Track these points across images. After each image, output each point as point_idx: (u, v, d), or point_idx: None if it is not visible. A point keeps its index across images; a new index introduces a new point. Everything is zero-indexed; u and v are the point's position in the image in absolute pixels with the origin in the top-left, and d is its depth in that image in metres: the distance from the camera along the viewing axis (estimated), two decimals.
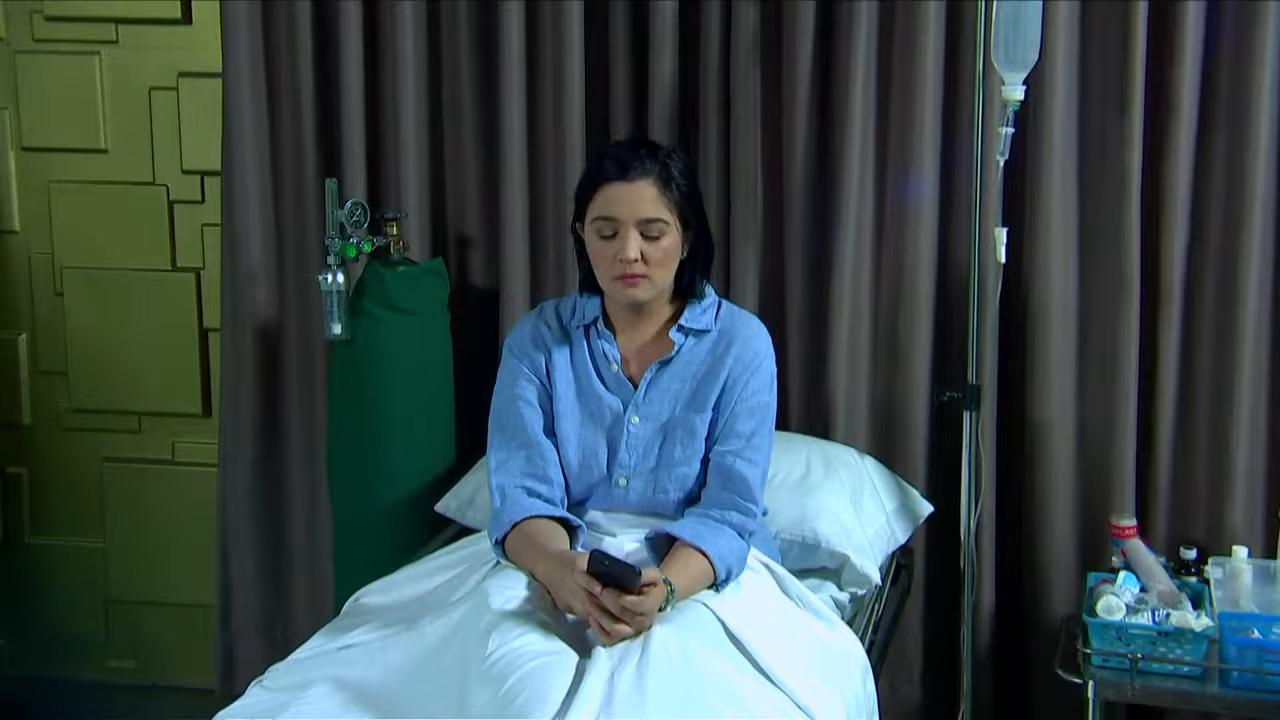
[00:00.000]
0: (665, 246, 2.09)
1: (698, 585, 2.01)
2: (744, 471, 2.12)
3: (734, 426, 2.14)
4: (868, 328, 2.82)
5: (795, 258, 2.83)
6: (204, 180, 3.24)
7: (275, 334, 3.12)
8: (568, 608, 1.92)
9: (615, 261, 2.07)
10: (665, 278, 2.13)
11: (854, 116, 2.73)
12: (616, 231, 2.07)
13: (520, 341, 2.23)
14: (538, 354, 2.21)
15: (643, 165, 2.07)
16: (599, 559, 1.87)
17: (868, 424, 2.85)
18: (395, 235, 2.82)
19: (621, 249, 2.06)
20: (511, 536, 2.09)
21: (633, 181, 2.05)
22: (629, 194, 2.05)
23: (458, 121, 3.00)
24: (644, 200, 2.05)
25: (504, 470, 2.17)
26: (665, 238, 2.08)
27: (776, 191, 2.84)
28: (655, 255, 2.08)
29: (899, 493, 2.70)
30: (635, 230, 2.06)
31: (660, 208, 2.07)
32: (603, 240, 2.09)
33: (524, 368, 2.20)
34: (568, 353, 2.20)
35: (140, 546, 3.40)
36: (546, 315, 2.25)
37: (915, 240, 2.76)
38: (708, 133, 2.84)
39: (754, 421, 2.15)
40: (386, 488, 2.79)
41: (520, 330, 2.26)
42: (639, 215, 2.05)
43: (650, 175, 2.06)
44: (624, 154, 2.09)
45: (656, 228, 2.07)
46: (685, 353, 2.18)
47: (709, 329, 2.19)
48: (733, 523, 2.09)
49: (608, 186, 2.07)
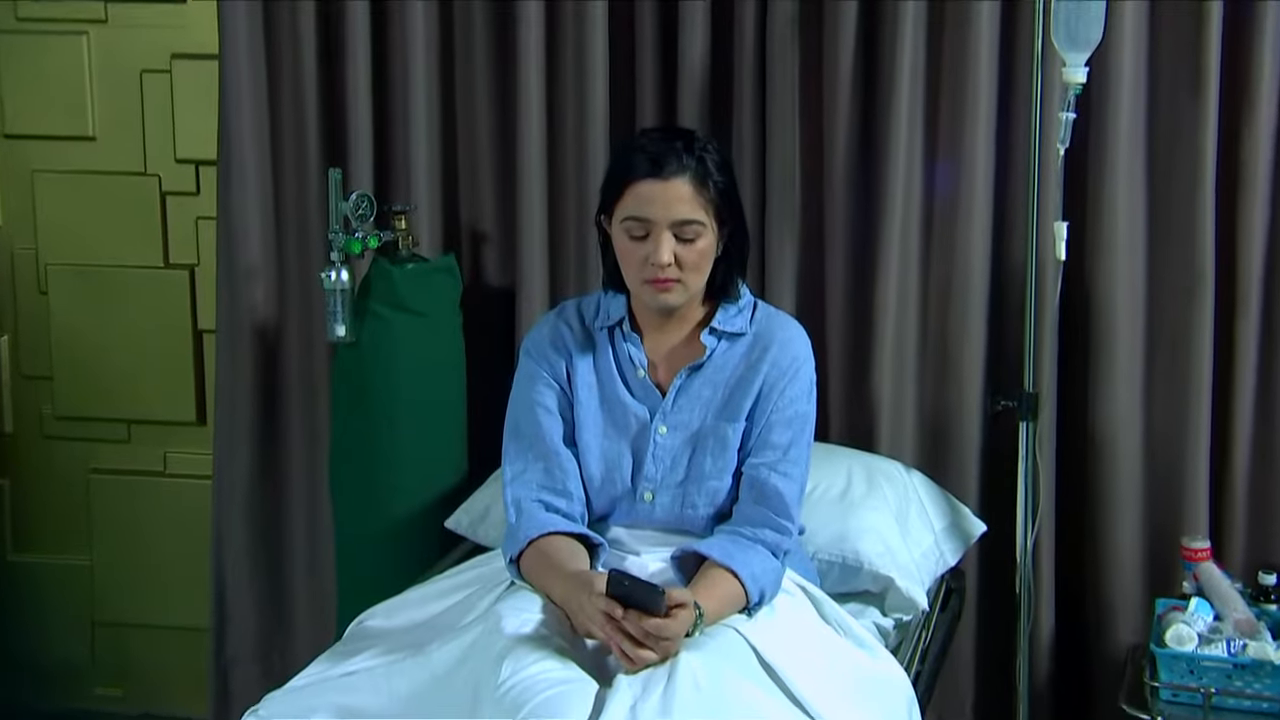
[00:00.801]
0: (700, 249, 2.09)
1: (728, 609, 2.01)
2: (779, 486, 2.12)
3: (769, 437, 2.14)
4: (915, 330, 2.82)
5: (836, 254, 2.83)
6: (199, 170, 3.26)
7: (275, 336, 3.14)
8: (587, 632, 1.92)
9: (646, 265, 2.08)
10: (699, 282, 2.14)
11: (901, 101, 2.73)
12: (648, 233, 2.06)
13: (539, 344, 2.24)
14: (558, 357, 2.21)
15: (679, 161, 2.06)
16: (619, 579, 1.86)
17: (915, 435, 2.84)
18: (404, 230, 2.83)
19: (654, 252, 2.06)
20: (527, 554, 2.09)
21: (667, 180, 2.05)
22: (663, 193, 2.05)
23: (471, 107, 3.01)
24: (679, 200, 2.05)
25: (520, 483, 2.18)
26: (701, 240, 2.08)
27: (816, 183, 2.84)
28: (689, 259, 2.08)
29: (949, 510, 2.70)
30: (669, 232, 2.06)
31: (696, 208, 2.06)
32: (632, 241, 2.09)
33: (543, 372, 2.21)
34: (590, 356, 2.21)
35: (129, 565, 3.42)
36: (567, 315, 2.26)
37: (967, 235, 2.75)
38: (742, 120, 2.84)
39: (791, 432, 2.15)
40: (393, 502, 2.80)
41: (539, 332, 2.26)
42: (673, 217, 2.05)
43: (686, 173, 2.06)
44: (658, 148, 2.07)
45: (692, 229, 2.07)
46: (718, 357, 2.18)
47: (744, 332, 2.19)
48: (766, 541, 2.09)
49: (639, 184, 2.06)
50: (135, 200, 3.30)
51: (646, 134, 2.19)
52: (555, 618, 1.98)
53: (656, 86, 2.90)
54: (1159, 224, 2.72)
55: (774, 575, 2.08)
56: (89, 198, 3.31)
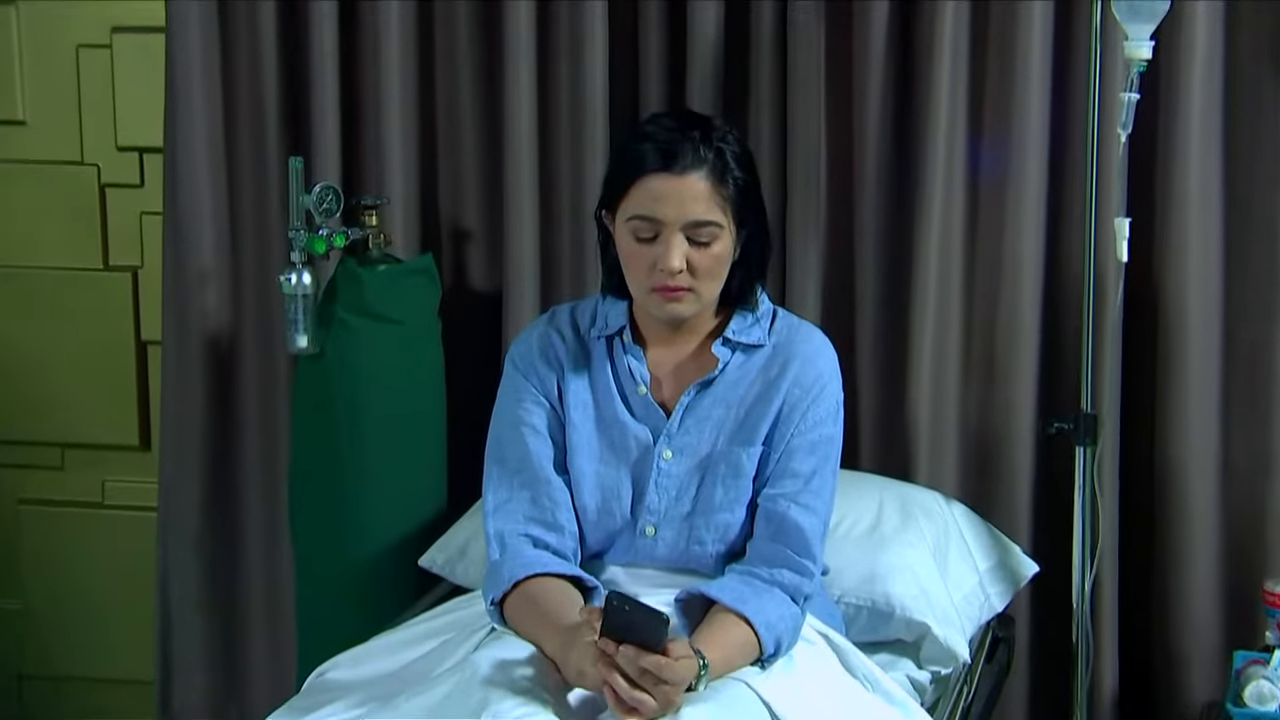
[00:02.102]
0: (716, 254, 2.09)
1: (739, 659, 2.00)
2: (800, 521, 2.11)
3: (789, 464, 2.14)
4: (957, 343, 2.82)
5: (867, 256, 2.83)
6: (143, 159, 3.28)
7: (229, 348, 3.15)
8: (579, 675, 1.92)
9: (654, 270, 2.08)
10: (713, 290, 2.14)
11: (941, 83, 2.73)
12: (657, 235, 2.07)
13: (526, 354, 2.24)
14: (548, 370, 2.22)
15: (694, 154, 2.06)
16: (619, 605, 1.85)
17: (957, 462, 2.84)
18: (375, 226, 2.84)
19: (663, 256, 2.06)
20: (512, 598, 2.09)
21: (681, 175, 2.06)
22: (676, 191, 2.06)
23: (453, 88, 3.02)
24: (694, 199, 2.06)
25: (504, 514, 2.18)
26: (717, 243, 2.09)
27: (844, 178, 2.85)
28: (703, 264, 2.09)
29: (995, 548, 2.70)
30: (681, 235, 2.06)
31: (713, 207, 2.07)
32: (639, 243, 2.09)
33: (530, 387, 2.21)
34: (585, 370, 2.21)
35: (63, 609, 3.43)
36: (559, 322, 2.26)
37: (1016, 235, 2.75)
38: (759, 101, 2.85)
39: (814, 459, 2.15)
40: (361, 538, 2.81)
41: (526, 340, 2.27)
42: (687, 217, 2.06)
43: (702, 167, 2.06)
44: (670, 137, 2.08)
45: (707, 232, 2.07)
46: (731, 372, 2.18)
47: (761, 343, 2.19)
48: (784, 583, 2.08)
49: (649, 179, 2.07)
50: (70, 193, 3.31)
51: (657, 120, 2.19)
52: (541, 668, 1.97)
53: (662, 68, 2.90)
54: (1236, 220, 2.72)
55: (792, 623, 2.08)
56: (17, 190, 3.32)
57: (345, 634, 2.38)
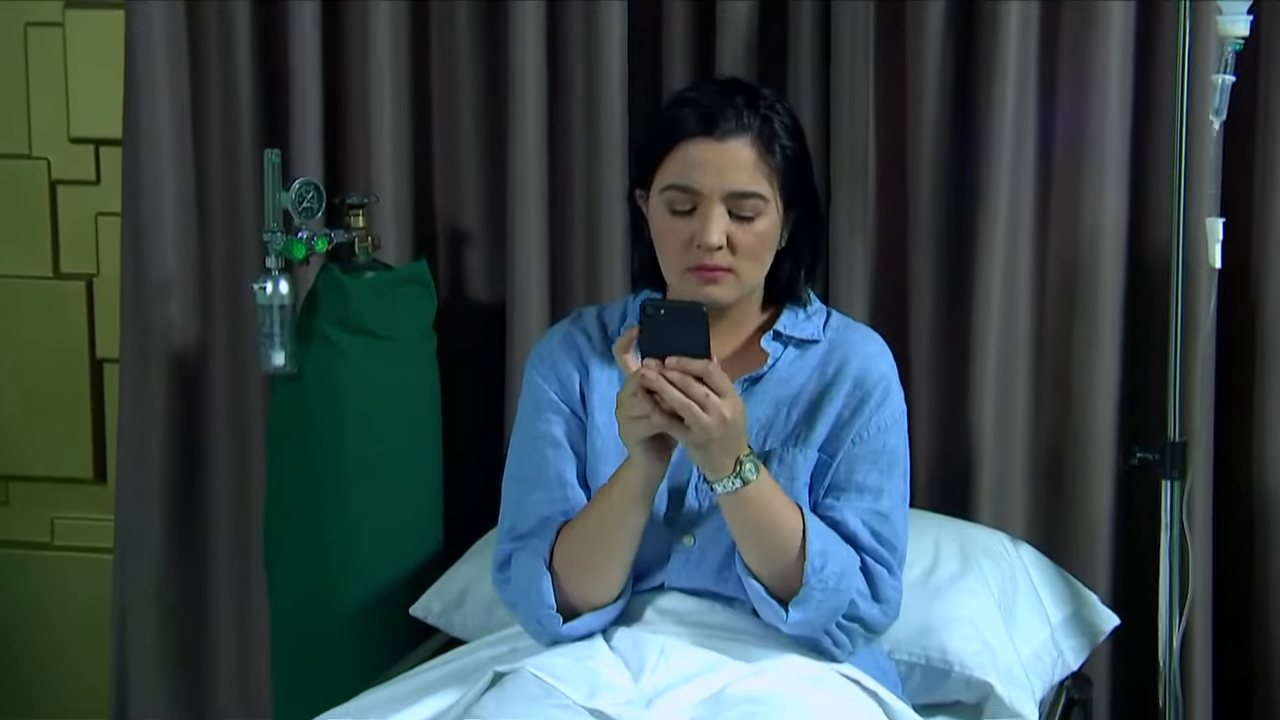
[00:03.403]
0: (760, 231, 2.12)
1: (778, 518, 2.04)
2: (882, 530, 2.14)
3: (852, 477, 2.15)
4: (1026, 359, 2.82)
5: (922, 256, 2.83)
6: (99, 152, 3.29)
7: (196, 367, 3.15)
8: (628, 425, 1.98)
9: (691, 247, 2.11)
10: (756, 274, 2.16)
11: (1007, 56, 2.72)
12: (695, 207, 2.10)
13: (546, 356, 2.26)
14: (570, 372, 2.23)
15: (738, 118, 2.10)
16: (653, 312, 1.95)
17: (1025, 496, 2.84)
18: (362, 229, 2.85)
19: (701, 231, 2.09)
20: (561, 547, 2.11)
21: (723, 141, 2.09)
22: (717, 157, 2.09)
23: (451, 71, 3.03)
24: (737, 166, 2.09)
25: (515, 538, 2.20)
26: (761, 219, 2.11)
27: (896, 165, 2.85)
28: (745, 242, 2.11)
29: (1069, 596, 2.69)
30: (721, 206, 2.09)
31: (758, 178, 2.10)
32: (675, 216, 2.12)
33: (549, 393, 2.23)
34: (613, 371, 2.22)
35: (8, 660, 3.43)
36: (585, 322, 2.30)
37: (1094, 233, 2.75)
38: (799, 77, 2.85)
39: (878, 472, 2.16)
40: (346, 584, 2.81)
41: (546, 343, 2.29)
42: (728, 187, 2.09)
43: (747, 133, 2.10)
44: (712, 101, 2.12)
45: (751, 205, 2.10)
46: (782, 369, 2.20)
47: (816, 338, 2.23)
48: (864, 562, 2.12)
49: (688, 144, 2.10)
50: (17, 190, 3.32)
51: (698, 85, 2.23)
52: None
53: (688, 42, 2.91)
54: None
55: (847, 571, 2.08)
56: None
57: (327, 694, 2.37)
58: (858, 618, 2.12)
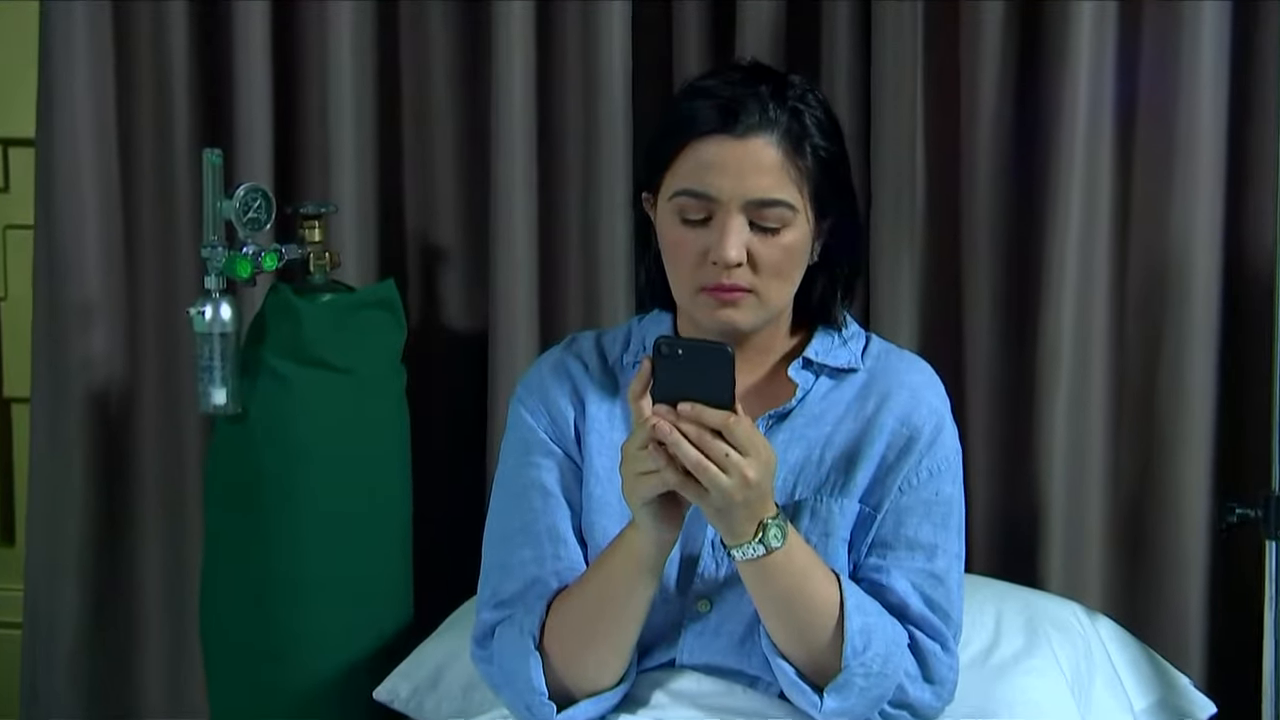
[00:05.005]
0: (787, 245, 2.11)
1: (809, 588, 2.03)
2: (933, 595, 2.14)
3: (901, 530, 2.15)
4: (1102, 395, 2.82)
5: (980, 275, 2.85)
6: (8, 154, 3.33)
7: (121, 407, 3.14)
8: (632, 482, 1.96)
9: (705, 263, 2.11)
10: (781, 295, 2.16)
11: (1080, 38, 2.73)
12: (710, 216, 2.10)
13: (536, 388, 2.26)
14: (563, 406, 2.23)
15: (762, 111, 2.09)
16: (669, 350, 1.93)
17: (1102, 560, 2.84)
18: (318, 243, 2.84)
19: (717, 245, 2.08)
20: (552, 623, 2.10)
21: (743, 139, 2.08)
22: (735, 158, 2.08)
23: (423, 57, 3.05)
24: (759, 170, 2.08)
25: (497, 606, 2.18)
26: (788, 231, 2.11)
27: (948, 168, 2.87)
28: (769, 258, 2.11)
29: (1156, 679, 2.71)
30: (741, 216, 2.09)
31: (784, 183, 2.09)
32: (687, 226, 2.12)
33: (539, 432, 2.22)
34: (613, 405, 2.23)
35: None
36: (580, 349, 2.30)
37: (1183, 248, 2.76)
38: (834, 76, 2.86)
39: (931, 525, 2.15)
40: (298, 664, 2.80)
41: (536, 372, 2.29)
42: (749, 194, 2.08)
43: (772, 130, 2.09)
44: (732, 92, 2.11)
45: (776, 215, 2.09)
46: (813, 403, 2.20)
47: (853, 367, 2.23)
48: (913, 636, 2.13)
49: (701, 143, 2.10)
50: None
51: (717, 72, 2.23)
52: None
53: (704, 28, 2.92)
54: None
55: (894, 649, 2.07)
56: None
57: None
58: (906, 704, 2.12)
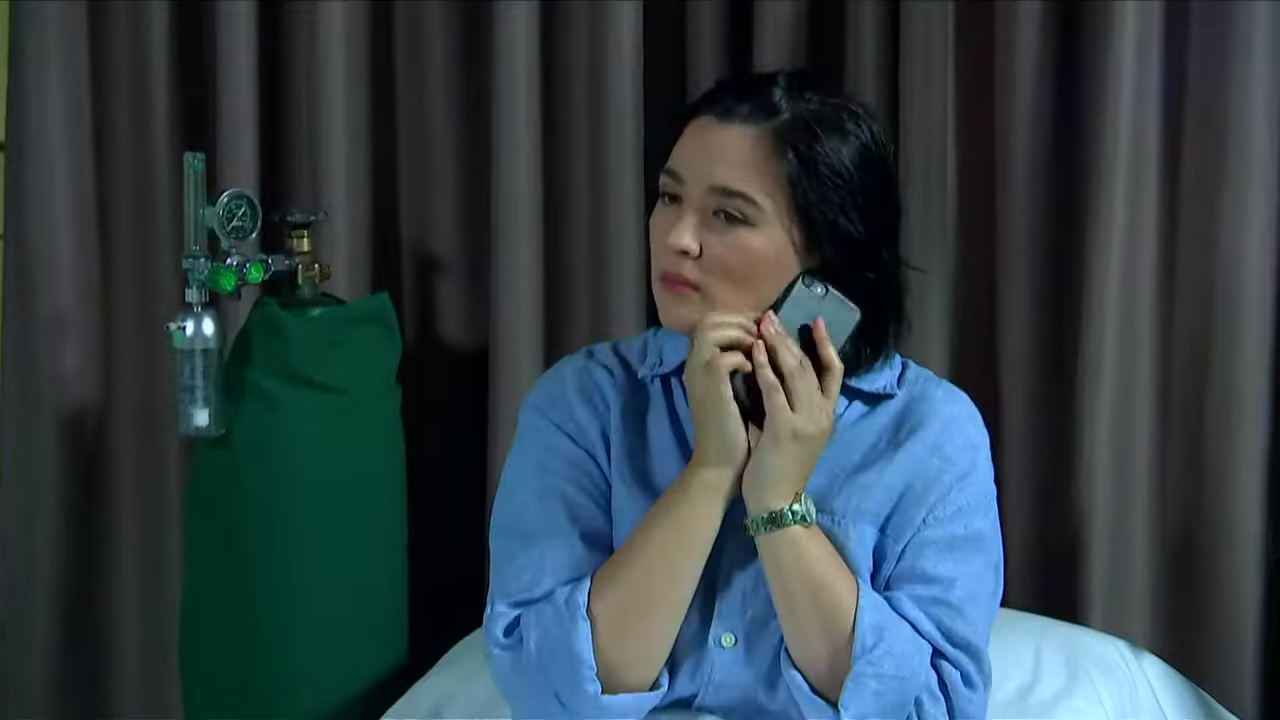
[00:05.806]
0: (744, 246, 2.09)
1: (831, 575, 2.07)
2: (950, 626, 2.13)
3: (918, 564, 2.14)
4: (1148, 420, 2.83)
5: (1016, 293, 2.86)
6: None
7: (96, 428, 3.15)
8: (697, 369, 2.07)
9: (664, 249, 2.13)
10: (730, 300, 2.12)
11: (1125, 34, 2.74)
12: (681, 198, 2.12)
13: (556, 396, 2.25)
14: (590, 415, 2.23)
15: (751, 100, 2.11)
16: (809, 285, 2.08)
17: (1149, 595, 2.85)
18: (307, 253, 2.85)
19: (673, 227, 2.11)
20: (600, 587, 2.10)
21: (726, 123, 2.10)
22: (708, 141, 2.10)
23: (419, 57, 3.06)
24: (728, 158, 2.09)
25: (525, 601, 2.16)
26: (751, 233, 2.09)
27: (983, 177, 2.87)
28: (718, 255, 2.09)
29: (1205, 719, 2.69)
30: (702, 202, 2.10)
31: (752, 177, 2.08)
32: (663, 206, 2.16)
33: (564, 439, 2.21)
34: (639, 419, 2.23)
35: None
36: (603, 356, 2.31)
37: (1234, 257, 2.77)
38: (859, 73, 2.87)
39: (953, 561, 2.14)
40: (284, 704, 2.80)
41: (555, 380, 2.28)
42: (713, 179, 2.08)
43: (761, 120, 2.09)
44: (738, 81, 2.20)
45: (736, 206, 2.08)
46: (844, 430, 2.19)
47: (890, 392, 2.22)
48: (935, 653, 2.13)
49: (695, 122, 2.14)
50: None
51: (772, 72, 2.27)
52: None
53: (719, 26, 2.94)
54: None
55: (909, 656, 2.07)
56: None
57: None
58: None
